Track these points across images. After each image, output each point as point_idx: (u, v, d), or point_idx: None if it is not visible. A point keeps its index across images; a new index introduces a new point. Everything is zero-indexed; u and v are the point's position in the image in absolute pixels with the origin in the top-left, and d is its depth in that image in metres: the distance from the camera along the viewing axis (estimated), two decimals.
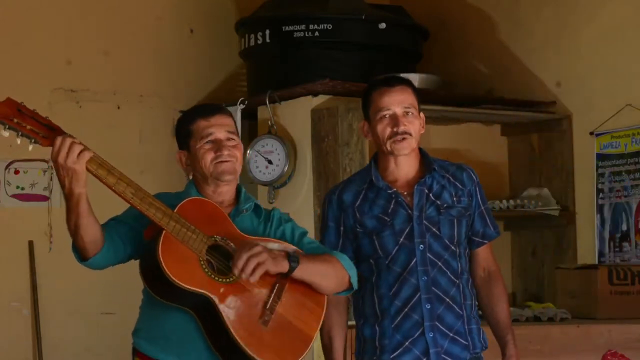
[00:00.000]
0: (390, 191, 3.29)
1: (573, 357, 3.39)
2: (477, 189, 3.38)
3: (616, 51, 5.12)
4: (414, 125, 3.27)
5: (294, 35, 5.26)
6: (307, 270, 2.93)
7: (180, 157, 3.08)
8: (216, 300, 2.81)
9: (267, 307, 2.90)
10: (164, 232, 2.79)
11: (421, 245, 3.25)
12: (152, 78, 5.72)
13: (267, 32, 5.33)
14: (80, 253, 2.85)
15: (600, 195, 5.15)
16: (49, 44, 5.46)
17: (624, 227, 5.03)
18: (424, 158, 3.37)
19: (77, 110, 5.49)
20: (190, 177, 3.12)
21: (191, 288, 2.78)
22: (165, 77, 5.75)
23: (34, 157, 5.04)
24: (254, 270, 2.81)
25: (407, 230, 3.26)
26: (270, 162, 5.11)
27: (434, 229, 3.27)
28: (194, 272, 2.81)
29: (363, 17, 5.30)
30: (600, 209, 5.15)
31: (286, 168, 5.09)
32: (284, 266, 2.89)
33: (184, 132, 3.06)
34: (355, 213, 3.32)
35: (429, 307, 3.23)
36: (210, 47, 5.90)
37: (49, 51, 5.45)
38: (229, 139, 3.02)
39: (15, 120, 2.67)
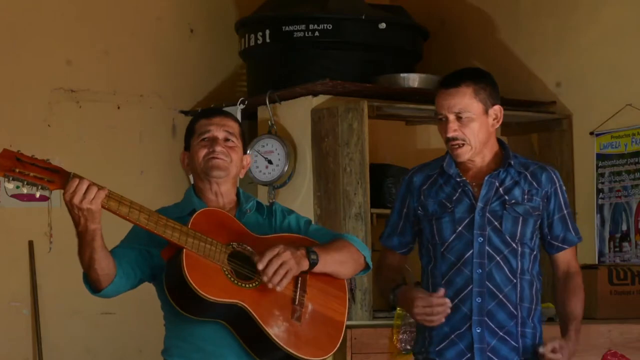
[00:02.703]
0: (459, 179, 3.25)
1: (573, 357, 3.37)
2: (559, 192, 3.28)
3: (616, 51, 5.11)
4: (469, 128, 3.19)
5: (294, 35, 5.25)
6: (326, 263, 2.96)
7: (183, 158, 3.10)
8: (249, 307, 2.82)
9: (296, 302, 2.92)
10: (184, 250, 2.79)
11: (480, 238, 3.19)
12: (152, 78, 5.72)
13: (267, 32, 5.32)
14: (93, 285, 2.85)
15: (600, 195, 5.15)
16: (49, 44, 5.45)
17: (624, 227, 5.03)
18: (504, 151, 3.30)
19: (77, 110, 5.49)
20: (192, 181, 3.12)
21: (224, 300, 2.79)
22: (165, 77, 5.75)
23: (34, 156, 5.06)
24: (282, 278, 2.83)
25: (467, 220, 3.21)
26: (270, 162, 5.10)
27: (495, 223, 3.20)
28: (222, 284, 2.82)
29: (363, 17, 5.29)
30: (600, 209, 5.15)
31: (286, 168, 5.08)
32: (305, 265, 2.91)
33: (188, 131, 3.09)
34: (420, 196, 3.29)
35: (479, 301, 3.17)
36: (210, 47, 5.90)
37: (49, 51, 5.45)
38: (227, 139, 3.03)
39: (17, 170, 2.62)
